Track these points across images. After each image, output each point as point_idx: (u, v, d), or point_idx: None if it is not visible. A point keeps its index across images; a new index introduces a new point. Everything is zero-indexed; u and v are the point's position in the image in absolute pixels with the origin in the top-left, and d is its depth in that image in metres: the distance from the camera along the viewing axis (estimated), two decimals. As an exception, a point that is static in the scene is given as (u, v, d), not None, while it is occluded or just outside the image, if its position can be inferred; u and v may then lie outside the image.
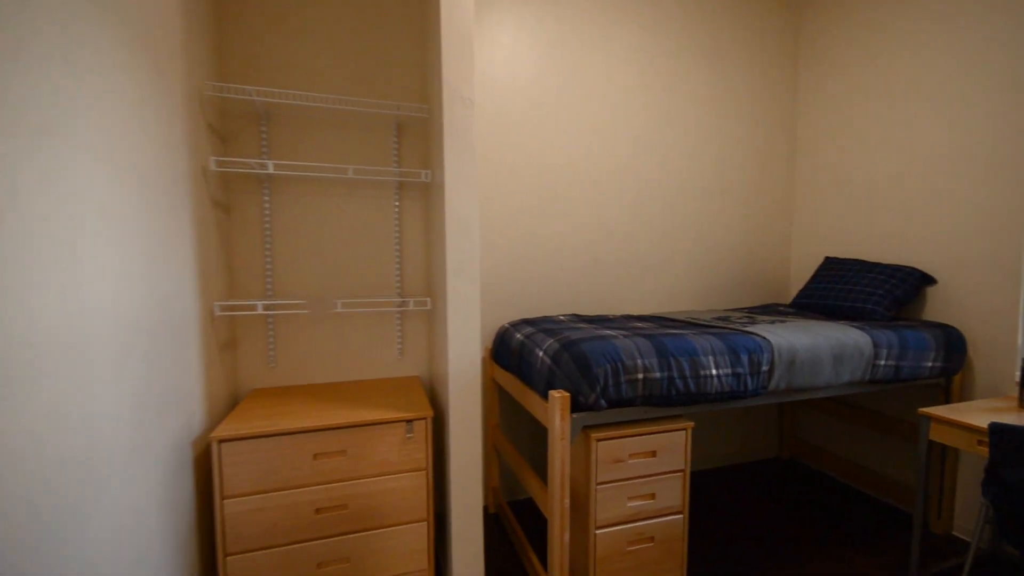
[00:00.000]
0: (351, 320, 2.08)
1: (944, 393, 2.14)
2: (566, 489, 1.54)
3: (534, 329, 1.99)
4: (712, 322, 2.11)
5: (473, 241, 1.63)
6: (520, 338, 1.99)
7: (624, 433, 1.59)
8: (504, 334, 2.18)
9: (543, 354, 1.74)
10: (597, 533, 1.58)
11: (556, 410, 1.51)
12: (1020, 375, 1.76)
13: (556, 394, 1.52)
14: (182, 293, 1.44)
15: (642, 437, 1.61)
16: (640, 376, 1.58)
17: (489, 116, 2.33)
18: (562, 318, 2.31)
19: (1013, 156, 1.95)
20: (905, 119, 2.35)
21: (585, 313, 2.56)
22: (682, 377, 1.62)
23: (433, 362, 2.05)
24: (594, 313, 2.58)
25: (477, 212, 1.63)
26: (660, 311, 2.70)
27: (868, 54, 2.52)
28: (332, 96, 1.90)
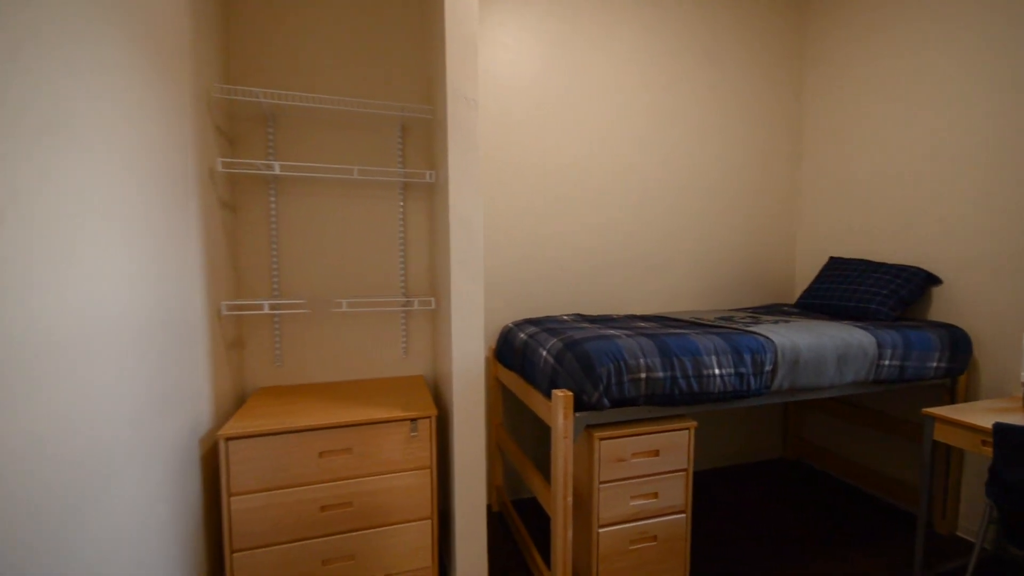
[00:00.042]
0: (356, 319, 2.10)
1: (949, 393, 2.13)
2: (569, 488, 1.55)
3: (538, 328, 1.99)
4: (715, 322, 2.11)
5: (477, 241, 1.65)
6: (524, 337, 2.00)
7: (627, 432, 1.60)
8: (508, 333, 2.19)
9: (546, 353, 1.75)
10: (600, 532, 1.59)
11: (559, 409, 1.52)
12: (1025, 375, 1.75)
13: (559, 393, 1.53)
14: (190, 293, 1.46)
15: (645, 436, 1.62)
16: (643, 375, 1.58)
17: (492, 116, 2.35)
18: (566, 318, 2.32)
19: (1018, 155, 1.94)
20: (910, 119, 2.34)
21: (589, 313, 2.56)
22: (685, 377, 1.62)
23: (437, 361, 2.06)
24: (598, 313, 2.58)
25: (481, 212, 1.64)
26: (664, 311, 2.70)
27: (872, 55, 2.51)
28: (337, 97, 1.91)
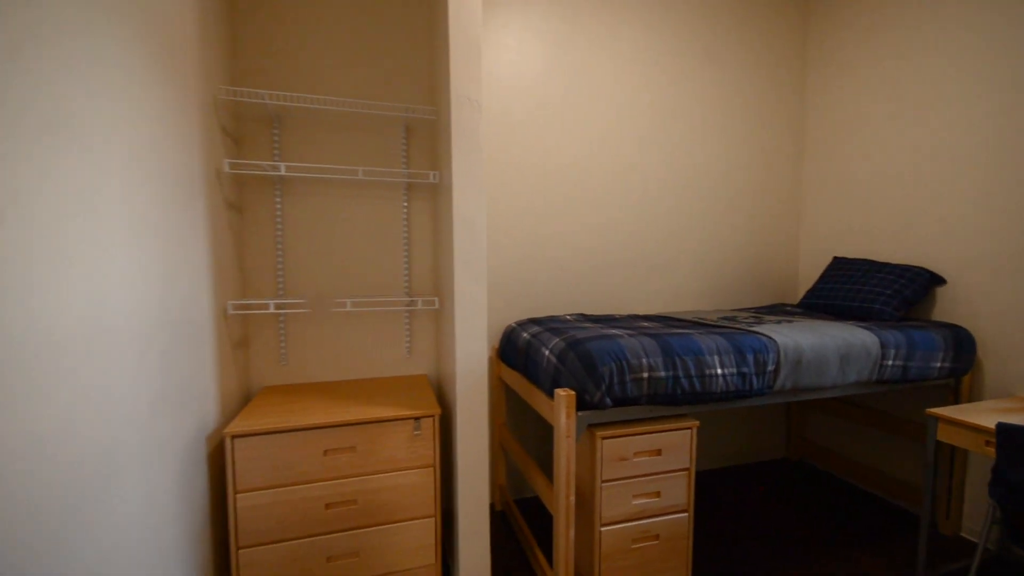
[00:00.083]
0: (360, 319, 2.11)
1: (953, 394, 2.13)
2: (571, 486, 1.56)
3: (540, 328, 2.00)
4: (718, 322, 2.12)
5: (480, 241, 1.66)
6: (527, 337, 2.01)
7: (629, 431, 1.60)
8: (511, 333, 2.20)
9: (549, 353, 1.76)
10: (602, 530, 1.60)
11: (562, 408, 1.53)
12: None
13: (562, 392, 1.54)
14: (197, 293, 1.48)
15: (647, 436, 1.63)
16: (645, 375, 1.59)
17: (496, 117, 2.36)
18: (568, 318, 2.32)
19: (1022, 155, 1.93)
20: (912, 118, 2.34)
21: (591, 313, 2.57)
22: (687, 376, 1.63)
23: (441, 361, 2.07)
24: (600, 313, 2.59)
25: (484, 213, 1.65)
26: (666, 311, 2.70)
27: (876, 55, 2.51)
28: (342, 99, 1.93)
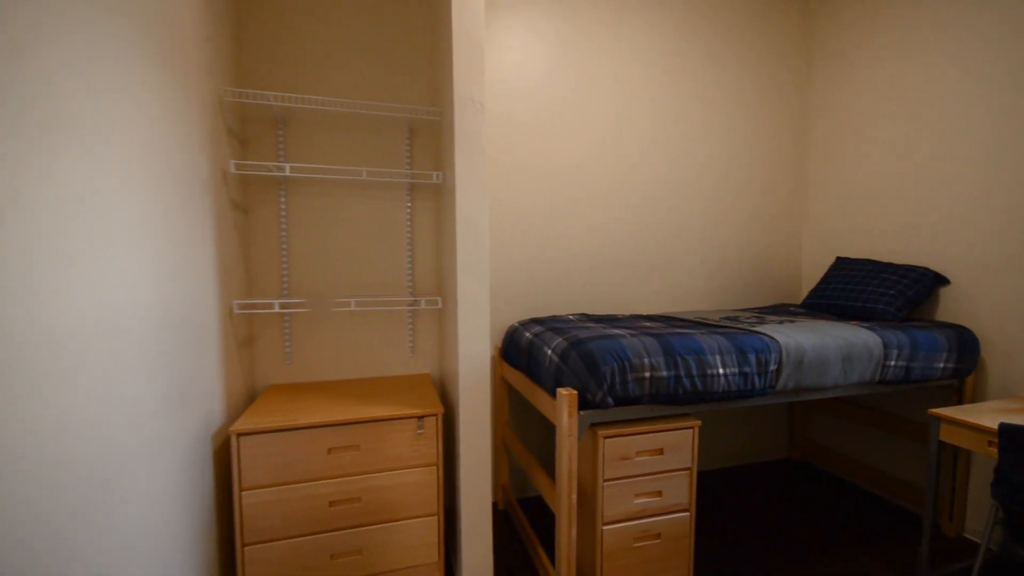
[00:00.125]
0: (364, 319, 2.13)
1: (957, 394, 2.12)
2: (573, 485, 1.57)
3: (543, 328, 2.01)
4: (720, 322, 2.12)
5: (483, 242, 1.67)
6: (529, 337, 2.02)
7: (631, 431, 1.61)
8: (514, 333, 2.21)
9: (551, 352, 1.77)
10: (604, 529, 1.60)
11: (564, 407, 1.54)
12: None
13: (564, 392, 1.55)
14: (204, 292, 1.50)
15: (649, 435, 1.63)
16: (647, 374, 1.60)
17: (498, 118, 2.37)
18: (571, 317, 2.33)
19: (1028, 155, 1.93)
20: (916, 118, 2.33)
21: (594, 313, 2.58)
22: (689, 376, 1.64)
23: (444, 360, 2.09)
24: (603, 313, 2.60)
25: (487, 215, 1.66)
26: (669, 311, 2.70)
27: (879, 55, 2.50)
28: (347, 100, 1.94)
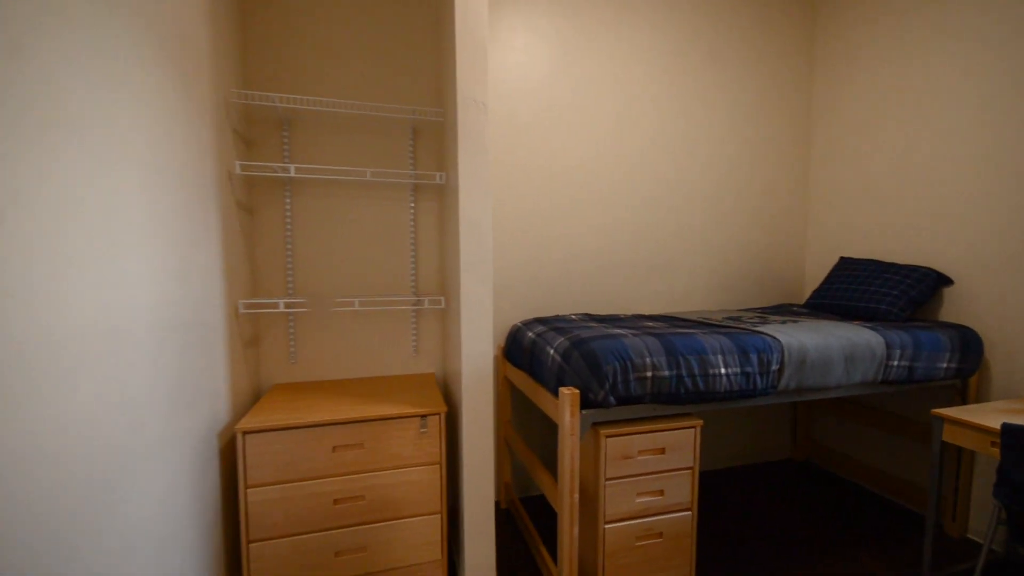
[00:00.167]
0: (368, 318, 2.14)
1: (960, 395, 2.12)
2: (575, 484, 1.58)
3: (546, 328, 2.02)
4: (723, 322, 2.12)
5: (486, 242, 1.68)
6: (532, 336, 2.03)
7: (633, 430, 1.62)
8: (516, 333, 2.23)
9: (554, 352, 1.77)
10: (606, 528, 1.61)
11: (566, 406, 1.55)
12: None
13: (566, 391, 1.56)
14: (210, 292, 1.51)
15: (651, 434, 1.64)
16: (649, 374, 1.60)
17: (502, 119, 2.38)
18: (573, 317, 2.34)
19: (1032, 155, 1.93)
20: (920, 118, 2.33)
21: (597, 313, 2.59)
22: (691, 375, 1.64)
23: (447, 360, 2.10)
24: (606, 313, 2.60)
25: (490, 215, 1.67)
26: (672, 311, 2.71)
27: (883, 55, 2.50)
28: (351, 101, 1.96)
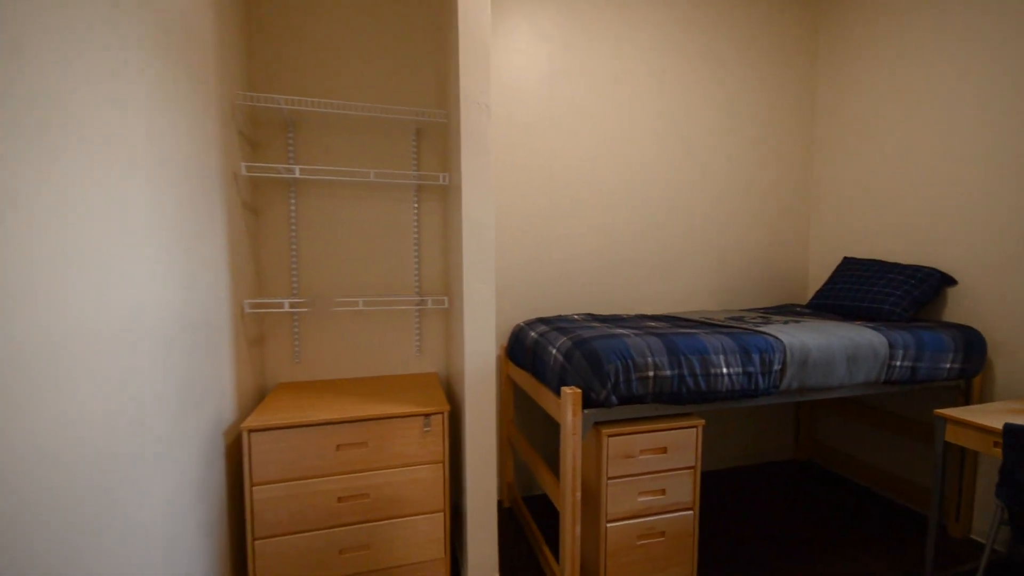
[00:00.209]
0: (372, 318, 2.16)
1: (964, 395, 2.11)
2: (578, 483, 1.59)
3: (548, 328, 2.03)
4: (725, 322, 2.13)
5: (489, 242, 1.69)
6: (534, 336, 2.04)
7: (635, 429, 1.63)
8: (519, 332, 2.24)
9: (556, 352, 1.78)
10: (608, 526, 1.62)
11: (568, 406, 1.56)
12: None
13: (568, 390, 1.57)
14: (216, 292, 1.53)
15: (653, 434, 1.65)
16: (651, 374, 1.61)
17: (505, 120, 2.39)
18: (576, 317, 2.35)
19: (1036, 155, 1.92)
20: (923, 119, 2.32)
21: (599, 313, 2.59)
22: (692, 375, 1.65)
23: (450, 359, 2.11)
24: (608, 313, 2.61)
25: (492, 215, 1.68)
26: (674, 311, 2.71)
27: (886, 56, 2.49)
28: (356, 103, 1.97)
